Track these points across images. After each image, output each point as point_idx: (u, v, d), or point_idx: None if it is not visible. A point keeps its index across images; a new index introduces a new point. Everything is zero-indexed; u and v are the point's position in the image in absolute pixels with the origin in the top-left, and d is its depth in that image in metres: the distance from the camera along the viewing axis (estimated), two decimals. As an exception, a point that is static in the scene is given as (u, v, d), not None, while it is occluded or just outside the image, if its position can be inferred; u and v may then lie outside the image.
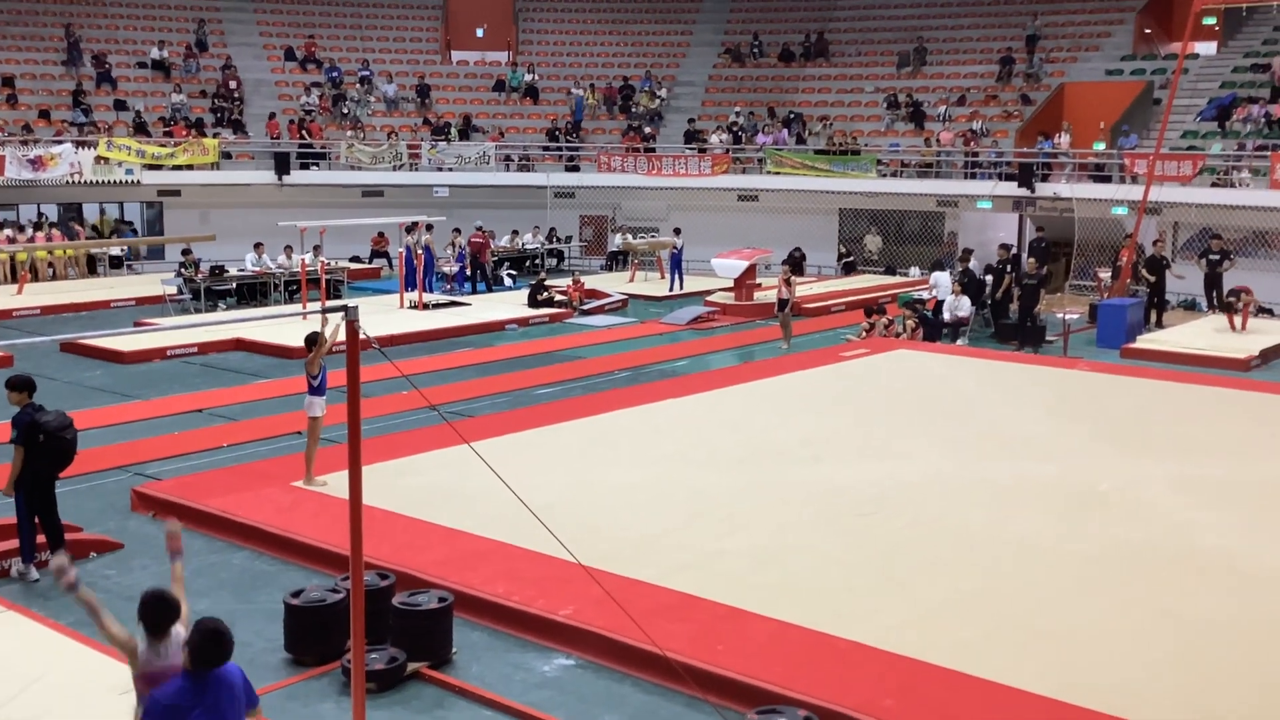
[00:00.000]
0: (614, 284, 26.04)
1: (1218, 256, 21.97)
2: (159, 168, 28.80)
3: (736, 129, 32.03)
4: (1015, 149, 28.23)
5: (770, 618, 7.98)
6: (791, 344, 19.46)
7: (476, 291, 25.72)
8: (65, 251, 26.95)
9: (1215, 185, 24.48)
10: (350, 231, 26.79)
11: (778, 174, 29.74)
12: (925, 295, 21.97)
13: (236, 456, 12.36)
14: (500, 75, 35.55)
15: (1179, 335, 19.88)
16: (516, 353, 18.92)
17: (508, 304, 23.42)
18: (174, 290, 22.63)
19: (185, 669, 4.91)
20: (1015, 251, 23.35)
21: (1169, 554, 9.34)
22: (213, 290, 22.99)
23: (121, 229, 29.69)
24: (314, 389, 10.87)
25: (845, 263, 28.66)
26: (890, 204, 29.30)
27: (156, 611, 5.22)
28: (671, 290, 25.72)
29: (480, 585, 8.54)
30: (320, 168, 30.64)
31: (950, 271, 21.90)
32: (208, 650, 4.89)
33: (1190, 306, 23.42)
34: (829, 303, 23.96)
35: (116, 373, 17.01)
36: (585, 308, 23.03)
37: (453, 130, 32.27)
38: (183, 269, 23.01)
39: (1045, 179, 26.81)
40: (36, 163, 26.84)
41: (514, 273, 27.83)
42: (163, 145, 29.09)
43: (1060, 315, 20.42)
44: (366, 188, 30.40)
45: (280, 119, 31.56)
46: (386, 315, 21.14)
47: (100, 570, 9.16)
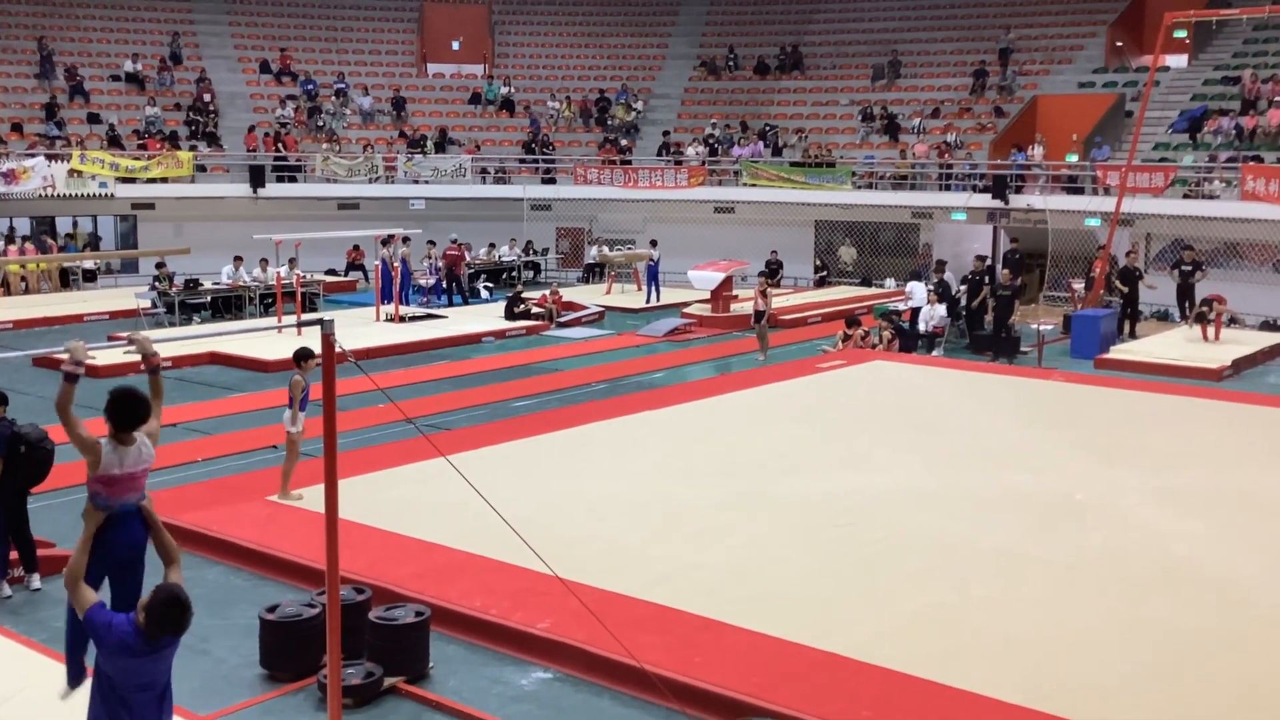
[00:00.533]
0: (591, 296, 26.05)
1: (1190, 267, 22.17)
2: (133, 181, 28.63)
3: (712, 141, 32.13)
4: (989, 161, 28.42)
5: (748, 629, 7.98)
6: (769, 355, 19.51)
7: (453, 304, 25.70)
8: (38, 265, 26.75)
9: (1187, 197, 24.69)
10: (326, 244, 26.71)
11: (753, 186, 29.84)
12: (901, 306, 22.07)
13: (211, 471, 12.29)
14: (476, 88, 35.54)
15: (1152, 346, 20.03)
16: (493, 365, 18.89)
17: (484, 316, 23.39)
18: (148, 304, 22.50)
19: (140, 627, 4.88)
20: (990, 263, 23.48)
21: (1145, 563, 9.39)
22: (187, 304, 22.88)
23: (89, 241, 29.55)
24: (301, 404, 10.78)
25: (819, 277, 28.77)
26: (865, 216, 29.43)
27: (126, 407, 5.14)
28: (648, 302, 25.75)
29: (457, 599, 8.51)
30: (295, 181, 30.54)
31: (926, 282, 22.02)
32: (167, 618, 4.85)
33: (1163, 317, 23.60)
34: (806, 314, 24.04)
35: (90, 386, 16.75)
36: (562, 320, 23.02)
37: (429, 143, 32.24)
38: (157, 282, 22.88)
39: (1019, 191, 27.00)
40: (9, 176, 26.63)
41: (491, 285, 27.82)
42: (136, 158, 28.94)
43: (1035, 326, 20.54)
44: (342, 200, 30.32)
45: (255, 131, 31.45)
46: (363, 328, 21.09)
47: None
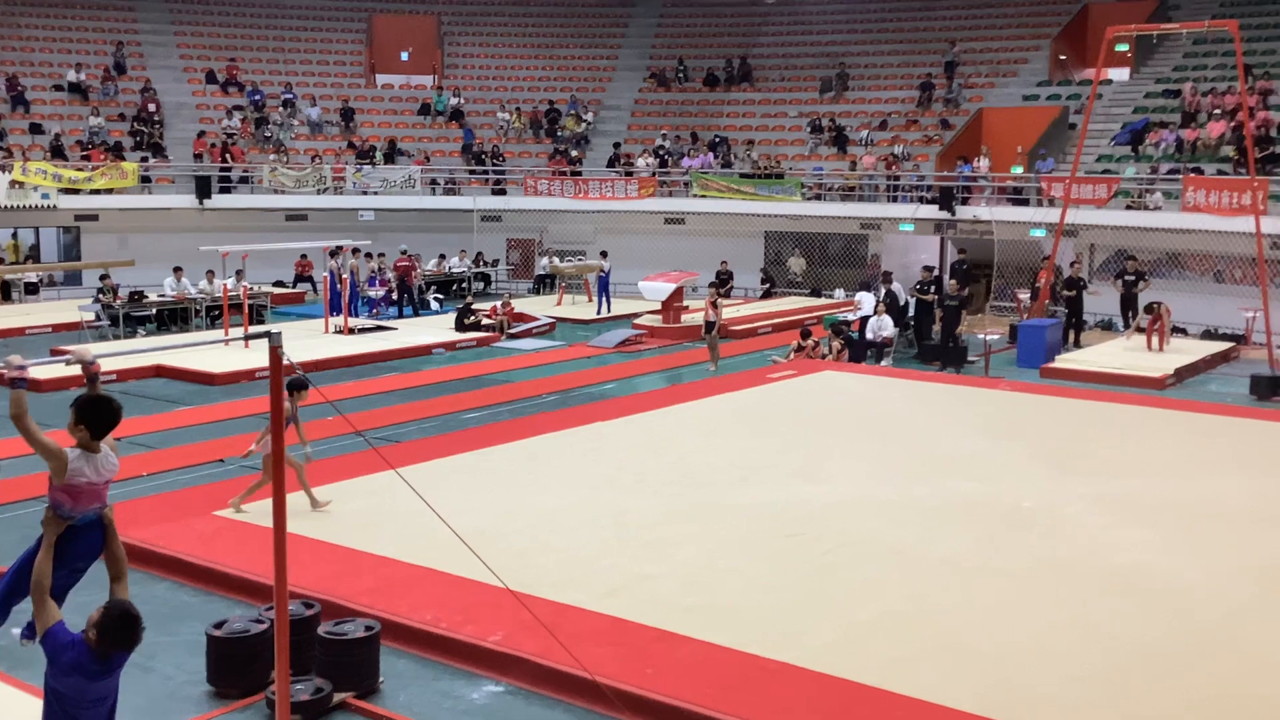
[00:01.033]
0: (542, 307, 26.01)
1: (1133, 277, 22.55)
2: (76, 192, 28.22)
3: (663, 152, 32.23)
4: (936, 173, 28.73)
5: (700, 640, 7.99)
6: (719, 366, 19.57)
7: (403, 316, 25.54)
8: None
9: (1129, 208, 25.10)
10: (274, 256, 26.48)
11: (704, 197, 29.96)
12: (851, 316, 22.24)
13: (156, 486, 12.11)
14: (426, 99, 35.40)
15: (1097, 355, 20.32)
16: (444, 377, 18.79)
17: (435, 328, 23.28)
18: (92, 316, 22.17)
19: (91, 647, 4.83)
20: (937, 273, 23.73)
21: (1093, 571, 9.49)
22: (132, 316, 22.57)
23: (29, 254, 29.10)
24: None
25: (764, 289, 28.92)
26: (814, 226, 29.64)
27: (101, 412, 5.10)
28: (599, 313, 25.75)
29: (407, 613, 8.44)
30: (242, 191, 30.24)
31: (874, 293, 22.21)
32: (119, 635, 4.82)
33: (1107, 326, 23.96)
34: (756, 325, 24.14)
35: (32, 401, 16.54)
36: (513, 331, 22.96)
37: (378, 154, 32.06)
38: (101, 295, 22.54)
39: (965, 202, 27.31)
40: (-52, 187, 26.16)
41: (441, 297, 27.70)
42: (80, 169, 28.51)
43: (981, 336, 20.78)
44: (290, 211, 30.06)
45: (204, 139, 31.10)
46: (311, 340, 20.91)
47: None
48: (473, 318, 22.94)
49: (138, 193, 29.16)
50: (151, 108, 32.09)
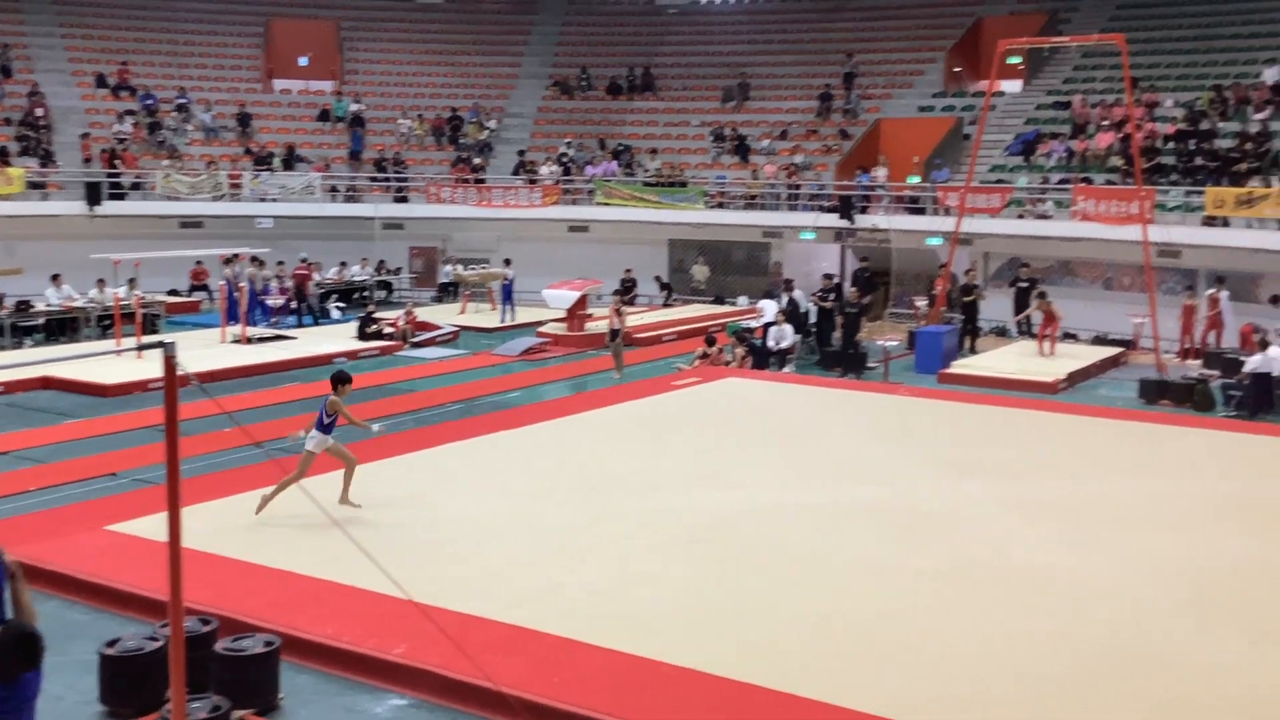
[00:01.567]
0: (445, 316, 25.79)
1: (1026, 284, 23.14)
2: (-42, 198, 27.22)
3: (566, 160, 32.21)
4: (835, 182, 29.18)
5: (608, 648, 7.97)
6: (624, 373, 19.60)
7: (302, 325, 25.12)
8: None
9: (1022, 217, 25.76)
10: (168, 264, 25.82)
11: (608, 205, 30.02)
12: (754, 324, 22.45)
13: (45, 501, 11.72)
14: (325, 104, 34.89)
15: (992, 360, 20.80)
16: (345, 387, 18.48)
17: (336, 337, 22.94)
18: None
19: None
20: (838, 281, 24.09)
21: (995, 572, 9.69)
22: (19, 326, 21.86)
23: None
24: (325, 427, 10.87)
25: (664, 298, 29.03)
26: (718, 234, 29.88)
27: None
28: (503, 321, 25.63)
29: (309, 627, 8.29)
30: (135, 198, 29.45)
31: (776, 300, 22.45)
32: (19, 654, 4.71)
33: (1002, 333, 24.55)
34: (660, 332, 24.24)
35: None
36: (416, 340, 22.72)
37: (276, 160, 31.49)
38: (-15, 304, 21.78)
39: (864, 211, 27.77)
40: None
41: (342, 305, 27.31)
42: (-38, 174, 27.50)
43: (880, 342, 21.13)
44: (185, 218, 29.36)
45: (92, 146, 30.23)
46: (207, 350, 20.44)
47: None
48: (375, 326, 22.67)
49: (25, 199, 28.22)
50: (39, 112, 31.07)
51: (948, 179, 27.64)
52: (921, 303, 24.66)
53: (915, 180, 28.69)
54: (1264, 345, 17.59)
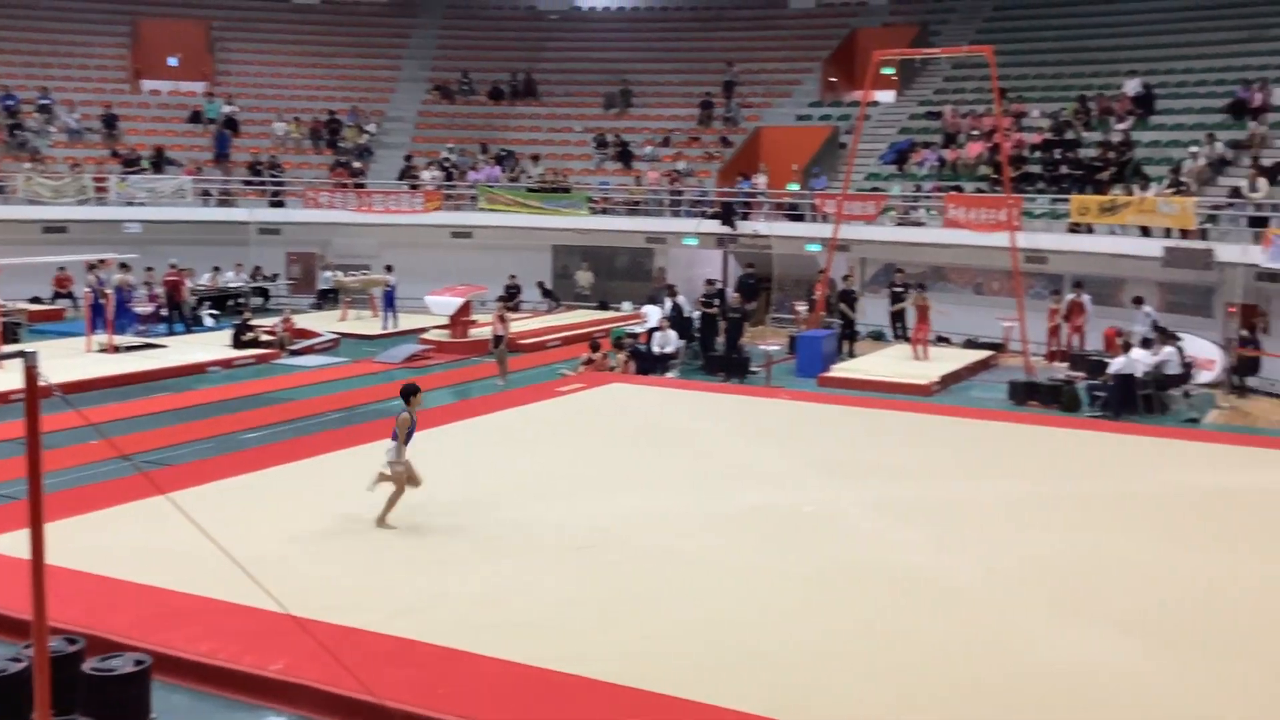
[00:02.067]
0: (325, 323, 25.33)
1: (901, 289, 23.69)
2: None
3: (448, 165, 31.91)
4: (717, 188, 29.47)
5: (494, 658, 7.90)
6: (508, 380, 19.50)
7: (174, 333, 24.42)
8: None
9: (897, 224, 26.34)
10: (30, 270, 24.81)
11: (491, 211, 29.82)
12: (638, 329, 22.53)
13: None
14: (196, 106, 33.97)
15: (869, 364, 21.25)
16: (220, 396, 18.05)
17: (209, 345, 22.36)
18: None
19: None
20: (720, 286, 24.34)
21: (874, 573, 9.88)
22: None
23: None
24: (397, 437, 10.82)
25: (547, 304, 28.97)
26: (602, 240, 29.93)
27: None
28: (385, 328, 25.29)
29: (182, 645, 8.04)
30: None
31: (660, 305, 22.58)
32: None
33: (878, 337, 25.07)
34: (545, 338, 24.17)
35: None
36: (294, 348, 22.26)
37: (144, 162, 30.54)
38: None
39: (745, 218, 28.11)
40: None
41: (216, 312, 26.62)
42: None
43: (762, 347, 21.41)
44: (47, 223, 28.25)
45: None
46: (72, 359, 19.74)
47: None
48: (251, 334, 22.15)
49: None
50: (-113, 111, 29.68)
51: (825, 186, 28.13)
52: (802, 307, 25.05)
53: (794, 187, 29.14)
54: (1127, 348, 18.31)
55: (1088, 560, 10.32)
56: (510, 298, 26.95)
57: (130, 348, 21.49)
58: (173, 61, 36.08)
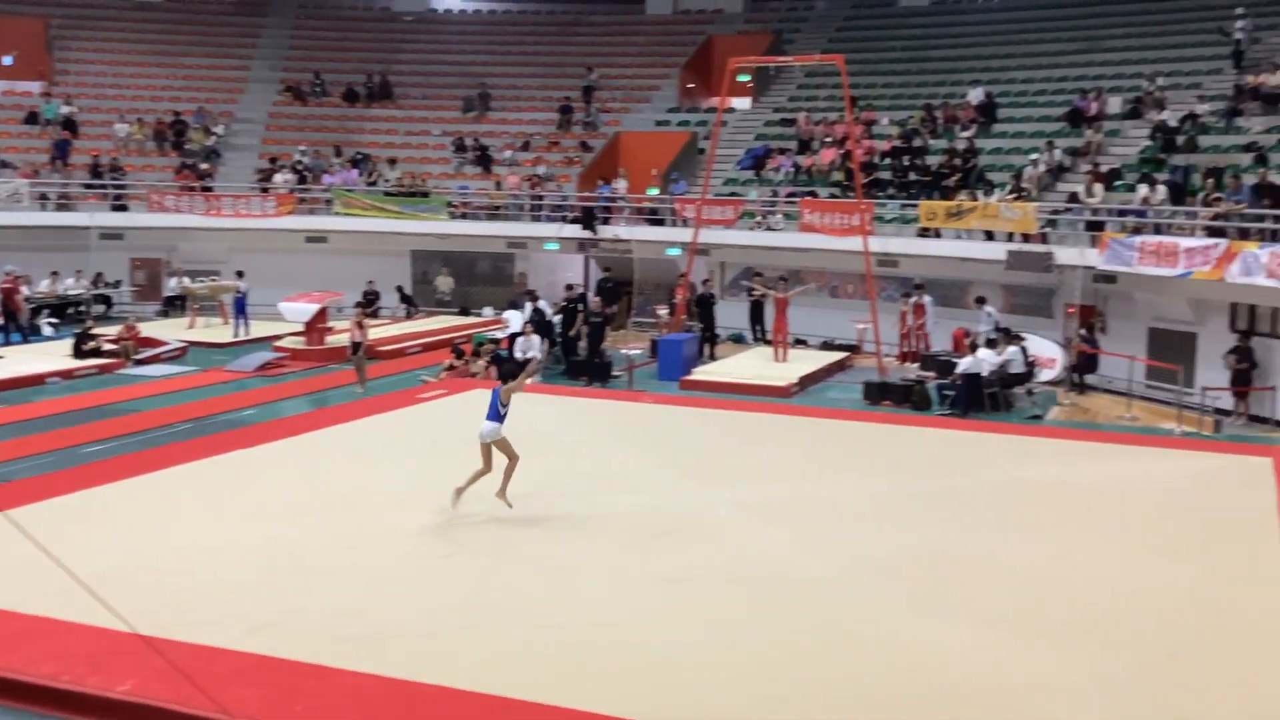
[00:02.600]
0: (172, 331, 24.44)
1: (760, 292, 24.05)
2: None
3: (302, 168, 31.17)
4: (577, 193, 29.48)
5: (355, 671, 7.73)
6: (367, 387, 19.14)
7: (10, 343, 23.31)
8: None
9: (754, 228, 26.75)
10: None
11: (347, 215, 29.25)
12: (499, 335, 22.37)
13: None
14: (33, 107, 32.48)
15: (730, 366, 21.52)
16: (60, 408, 17.26)
17: (48, 355, 21.37)
18: None
19: None
20: (581, 291, 24.34)
21: (739, 573, 9.99)
22: None
23: None
24: (501, 418, 11.39)
25: (405, 310, 28.55)
26: (462, 245, 29.64)
27: None
28: (236, 336, 24.60)
29: (23, 667, 7.65)
30: None
31: (521, 311, 22.45)
32: None
33: (738, 339, 25.42)
34: (405, 345, 23.81)
35: None
36: (140, 357, 21.46)
37: (-24, 165, 29.09)
38: None
39: (606, 222, 28.19)
40: None
41: (55, 321, 25.49)
42: None
43: (624, 351, 21.49)
44: None
45: None
46: (-102, 372, 18.67)
47: None
48: (93, 343, 21.28)
49: None
50: None
51: (684, 191, 28.41)
52: (663, 311, 25.23)
53: (654, 192, 29.35)
54: (974, 348, 18.95)
55: (943, 554, 10.63)
56: (369, 304, 26.47)
57: (-39, 359, 20.44)
58: (7, 60, 34.38)
